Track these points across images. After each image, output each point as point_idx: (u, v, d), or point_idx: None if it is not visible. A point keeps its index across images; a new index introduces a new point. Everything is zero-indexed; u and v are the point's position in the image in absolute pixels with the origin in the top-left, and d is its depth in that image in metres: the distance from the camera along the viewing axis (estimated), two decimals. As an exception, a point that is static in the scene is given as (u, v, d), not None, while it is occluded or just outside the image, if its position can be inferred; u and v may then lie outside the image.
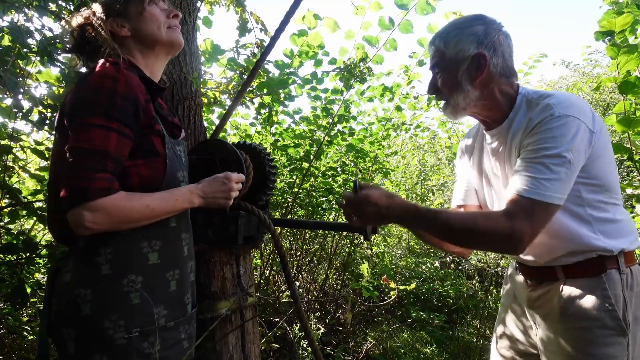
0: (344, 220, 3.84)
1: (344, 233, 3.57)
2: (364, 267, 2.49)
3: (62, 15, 1.91)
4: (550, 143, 1.03)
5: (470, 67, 1.15)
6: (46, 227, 2.41)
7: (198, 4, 1.86)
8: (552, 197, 1.00)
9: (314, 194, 3.26)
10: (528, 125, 1.09)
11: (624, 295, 1.08)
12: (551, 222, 1.06)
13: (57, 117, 1.04)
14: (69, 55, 1.16)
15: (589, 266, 1.11)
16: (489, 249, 1.18)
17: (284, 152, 3.06)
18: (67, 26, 1.12)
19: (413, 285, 2.85)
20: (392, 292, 2.65)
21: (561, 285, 1.14)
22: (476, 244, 1.18)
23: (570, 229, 1.11)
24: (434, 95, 1.26)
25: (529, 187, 1.02)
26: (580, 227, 1.10)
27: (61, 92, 1.98)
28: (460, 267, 4.59)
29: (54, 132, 1.11)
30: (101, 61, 0.97)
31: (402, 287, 2.90)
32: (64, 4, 1.97)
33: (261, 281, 3.22)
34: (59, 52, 1.81)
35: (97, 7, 1.10)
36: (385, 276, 2.71)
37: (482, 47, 1.14)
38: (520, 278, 1.29)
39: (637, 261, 1.15)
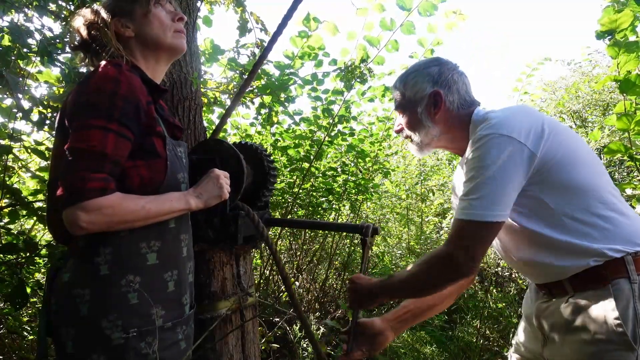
0: (344, 220, 3.83)
1: (344, 233, 3.57)
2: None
3: (62, 15, 1.91)
4: (474, 164, 1.06)
5: (428, 105, 1.25)
6: (46, 227, 2.42)
7: (198, 4, 1.86)
8: (482, 214, 1.02)
9: (314, 194, 3.26)
10: (468, 151, 1.13)
11: (636, 306, 1.00)
12: (531, 242, 1.11)
13: (57, 118, 1.04)
14: (70, 55, 1.16)
15: (594, 276, 1.05)
16: (443, 280, 1.14)
17: (284, 152, 3.06)
18: (71, 23, 1.11)
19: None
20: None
21: (568, 298, 1.10)
22: (431, 281, 1.15)
23: (553, 243, 1.08)
24: (400, 134, 1.35)
25: (460, 209, 1.06)
26: (562, 237, 1.07)
27: (61, 92, 1.98)
28: (460, 267, 4.57)
29: (54, 133, 1.11)
30: (103, 62, 0.97)
31: None
32: (64, 4, 1.97)
33: (261, 281, 3.22)
34: (59, 52, 1.81)
35: (102, 6, 1.10)
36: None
37: (438, 85, 1.24)
38: (534, 287, 1.28)
39: None
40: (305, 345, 2.68)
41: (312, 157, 2.90)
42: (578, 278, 1.08)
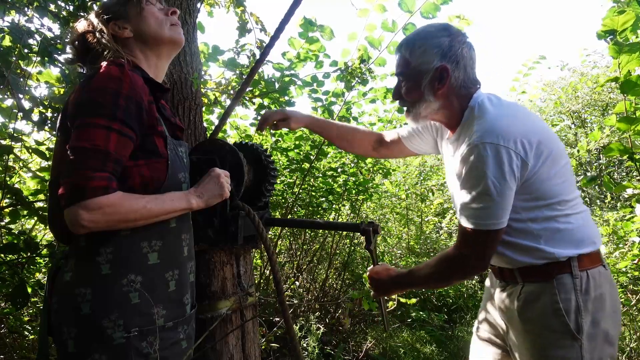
0: (344, 220, 3.84)
1: (344, 233, 3.57)
2: (366, 276, 2.49)
3: (62, 15, 1.91)
4: (472, 171, 1.10)
5: (433, 79, 1.20)
6: (47, 227, 2.42)
7: (198, 5, 1.86)
8: (488, 224, 1.10)
9: (314, 194, 3.27)
10: (463, 149, 1.15)
11: (577, 299, 1.09)
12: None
13: (59, 117, 1.04)
14: (70, 58, 1.16)
15: (541, 270, 1.14)
16: (458, 278, 1.28)
17: (283, 153, 3.06)
18: (69, 36, 1.13)
19: (413, 301, 2.86)
20: (390, 303, 2.66)
21: (520, 289, 1.19)
22: (447, 279, 1.27)
23: (515, 244, 1.16)
24: (398, 101, 1.32)
25: (468, 217, 1.13)
26: (523, 241, 1.15)
27: (61, 92, 1.98)
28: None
29: (55, 133, 1.12)
30: (105, 62, 0.97)
31: (403, 300, 2.91)
32: (63, 4, 1.97)
33: (261, 281, 3.23)
34: (59, 52, 1.81)
35: (97, 12, 1.11)
36: None
37: (446, 59, 1.18)
38: (493, 277, 1.36)
39: (601, 264, 1.16)
40: (305, 345, 2.68)
41: (312, 158, 2.90)
42: (527, 270, 1.17)
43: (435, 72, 1.19)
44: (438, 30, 1.21)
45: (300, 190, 3.11)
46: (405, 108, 1.31)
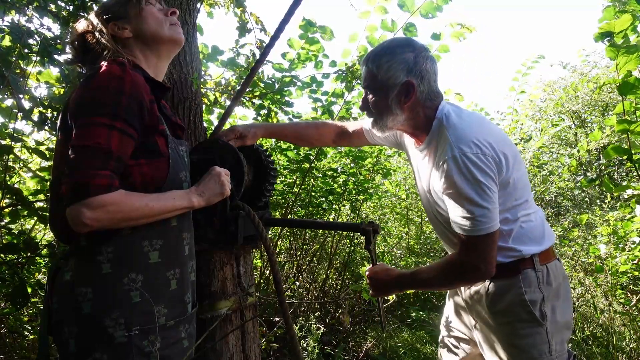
0: (344, 220, 3.83)
1: (344, 233, 3.57)
2: (364, 270, 2.50)
3: (62, 15, 1.92)
4: (463, 185, 1.14)
5: (399, 93, 1.24)
6: (47, 227, 2.42)
7: (198, 5, 1.86)
8: (488, 228, 1.15)
9: (313, 194, 3.27)
10: (438, 162, 1.21)
11: (541, 290, 1.22)
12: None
13: (60, 117, 1.05)
14: (69, 58, 1.16)
15: (509, 267, 1.23)
16: (465, 284, 1.34)
17: (282, 153, 3.07)
18: (69, 37, 1.13)
19: (411, 290, 2.86)
20: (390, 297, 2.68)
21: (488, 286, 1.28)
22: (451, 284, 1.35)
23: None
24: (365, 112, 1.36)
25: (469, 226, 1.16)
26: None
27: (61, 92, 1.99)
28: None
29: (55, 132, 1.12)
30: (106, 62, 0.98)
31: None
32: (63, 4, 1.97)
33: (261, 281, 3.23)
34: (59, 52, 1.81)
35: (96, 12, 1.11)
36: None
37: (411, 75, 1.22)
38: None
39: (556, 258, 1.30)
40: (305, 345, 2.69)
41: (312, 158, 2.90)
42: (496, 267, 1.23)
43: (401, 87, 1.23)
44: (403, 46, 1.25)
45: (300, 190, 3.11)
46: (372, 119, 1.34)
